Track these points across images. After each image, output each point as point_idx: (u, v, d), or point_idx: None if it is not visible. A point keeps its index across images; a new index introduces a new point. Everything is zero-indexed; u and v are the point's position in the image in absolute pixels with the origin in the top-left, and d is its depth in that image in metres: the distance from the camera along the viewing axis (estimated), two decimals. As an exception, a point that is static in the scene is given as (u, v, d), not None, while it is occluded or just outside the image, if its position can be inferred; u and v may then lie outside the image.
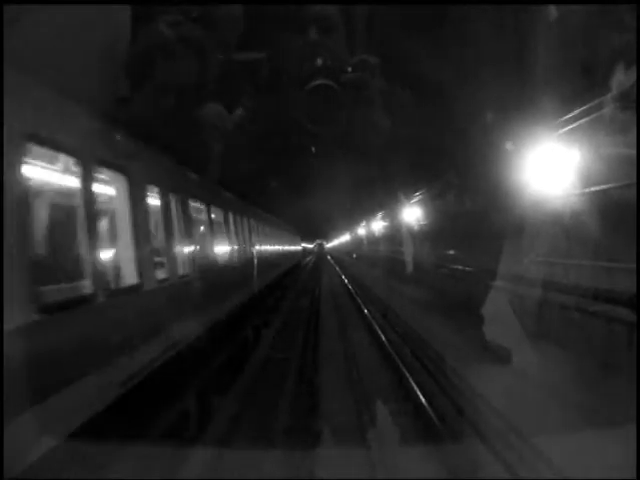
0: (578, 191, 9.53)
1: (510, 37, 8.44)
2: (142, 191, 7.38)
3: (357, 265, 50.75)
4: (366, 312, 20.89)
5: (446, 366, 11.13)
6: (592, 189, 9.26)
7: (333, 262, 70.09)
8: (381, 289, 27.35)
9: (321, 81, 7.19)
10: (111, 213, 6.87)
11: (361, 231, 49.61)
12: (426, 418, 8.97)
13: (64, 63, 5.72)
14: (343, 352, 14.64)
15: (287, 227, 36.12)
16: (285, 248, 33.90)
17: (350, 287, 32.07)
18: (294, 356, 14.23)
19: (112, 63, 7.02)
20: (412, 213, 23.63)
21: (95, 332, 5.60)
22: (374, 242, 42.09)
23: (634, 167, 7.24)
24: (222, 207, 13.15)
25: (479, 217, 15.23)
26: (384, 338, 15.43)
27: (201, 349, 9.17)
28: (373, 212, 36.23)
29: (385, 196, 25.62)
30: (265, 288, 19.14)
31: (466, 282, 16.96)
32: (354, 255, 58.89)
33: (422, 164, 15.22)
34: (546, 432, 6.91)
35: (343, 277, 40.93)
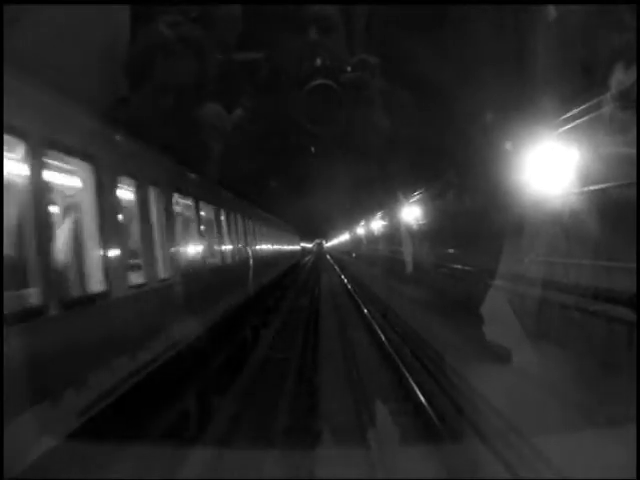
0: (578, 190, 9.53)
1: (510, 37, 8.45)
2: (112, 183, 6.44)
3: (356, 264, 50.76)
4: (366, 312, 20.89)
5: (446, 365, 11.13)
6: (591, 188, 9.27)
7: (332, 261, 70.07)
8: (381, 289, 27.35)
9: (320, 81, 7.19)
10: (70, 207, 6.05)
11: (360, 230, 49.65)
12: (426, 418, 8.97)
13: (63, 63, 5.72)
14: (342, 352, 14.63)
15: (286, 226, 35.80)
16: (283, 247, 33.19)
17: (349, 286, 32.07)
18: (293, 356, 14.22)
19: (111, 63, 7.02)
20: (411, 212, 23.65)
21: (43, 357, 4.54)
22: (373, 241, 42.13)
23: (633, 166, 7.24)
24: (213, 204, 12.26)
25: (479, 216, 15.25)
26: (384, 338, 15.43)
27: (183, 366, 8.13)
28: (372, 211, 36.25)
29: (384, 196, 25.63)
30: (262, 289, 18.43)
31: (466, 282, 16.97)
32: (353, 254, 58.93)
33: (422, 164, 15.22)
34: (546, 432, 6.90)
35: (342, 277, 40.91)
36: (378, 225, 37.54)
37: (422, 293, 21.60)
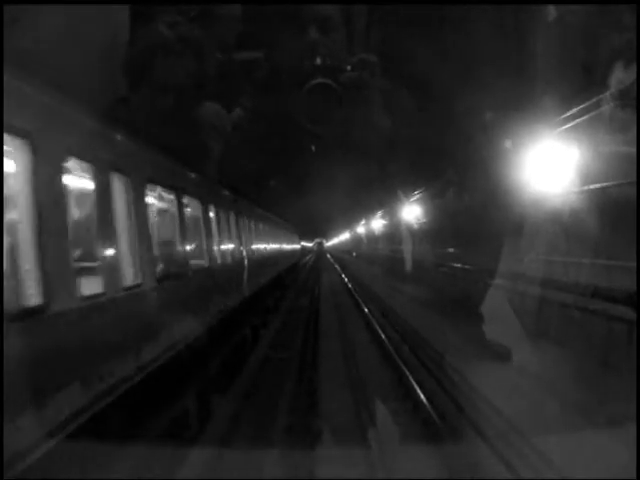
0: (577, 189, 9.53)
1: (510, 37, 8.45)
2: (54, 166, 5.23)
3: (357, 263, 50.76)
4: (366, 311, 20.89)
5: (446, 364, 11.12)
6: (591, 187, 9.27)
7: (332, 260, 70.05)
8: (381, 287, 27.35)
9: (320, 80, 7.19)
10: None
11: (361, 230, 49.65)
12: (426, 416, 8.96)
13: (63, 63, 5.71)
14: (342, 351, 14.62)
15: (285, 225, 35.54)
16: (282, 247, 32.48)
17: (350, 285, 32.06)
18: (292, 356, 14.19)
19: (111, 63, 7.02)
20: (411, 212, 23.64)
21: None
22: (374, 240, 42.14)
23: (633, 165, 7.24)
24: (201, 198, 10.93)
25: (479, 215, 15.25)
26: (384, 336, 15.43)
27: (158, 390, 6.84)
28: (373, 211, 36.25)
29: (384, 195, 25.65)
30: (259, 290, 17.38)
31: (466, 280, 16.98)
32: (354, 254, 58.94)
33: (422, 163, 15.23)
34: (546, 431, 6.90)
35: (343, 275, 40.90)
36: (378, 224, 37.54)
37: (422, 292, 21.59)
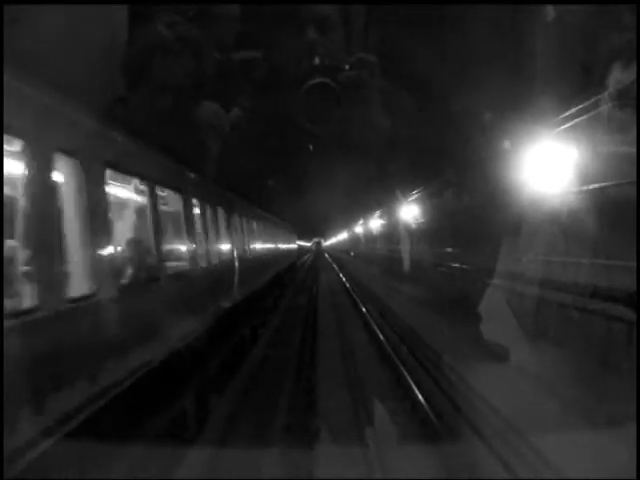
0: (576, 189, 9.53)
1: (509, 37, 8.45)
2: None
3: (355, 263, 50.76)
4: (364, 310, 20.90)
5: (444, 364, 11.13)
6: (590, 187, 9.27)
7: (331, 260, 70.04)
8: (379, 287, 27.36)
9: (319, 80, 7.19)
10: None
11: (359, 229, 49.66)
12: (424, 416, 8.97)
13: (62, 63, 5.71)
14: (341, 351, 14.62)
15: (283, 225, 35.27)
16: (279, 247, 31.64)
17: (348, 285, 32.06)
18: (289, 367, 14.20)
19: (109, 63, 7.02)
20: (410, 211, 23.64)
21: None
22: (372, 240, 42.14)
23: (632, 165, 7.24)
24: (182, 192, 9.57)
25: (477, 215, 15.26)
26: (382, 336, 15.43)
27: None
28: (371, 210, 36.26)
29: (383, 194, 25.65)
30: (252, 294, 16.11)
31: (464, 280, 16.98)
32: (352, 253, 58.95)
33: (420, 163, 15.24)
34: (545, 431, 6.90)
35: (341, 275, 40.91)
36: (376, 224, 37.54)
37: (420, 292, 21.59)
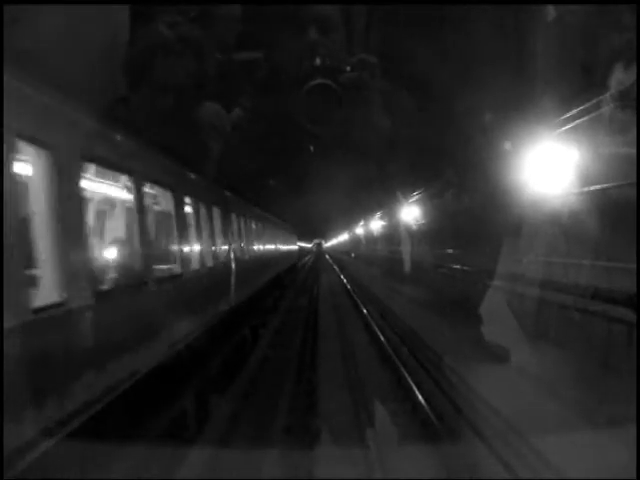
0: (577, 190, 9.53)
1: (510, 37, 8.45)
2: None
3: (355, 264, 50.75)
4: (365, 312, 20.91)
5: (444, 365, 11.13)
6: (591, 188, 9.27)
7: (331, 261, 70.05)
8: (380, 289, 27.35)
9: (320, 81, 7.19)
10: None
11: (360, 231, 49.64)
12: (424, 417, 8.97)
13: (63, 63, 5.72)
14: (341, 353, 14.62)
15: (284, 226, 35.11)
16: (279, 248, 31.19)
17: (349, 287, 32.07)
18: (289, 374, 14.20)
19: (111, 63, 7.02)
20: (411, 212, 23.63)
21: None
22: (373, 241, 42.12)
23: (633, 166, 7.23)
24: (172, 188, 8.60)
25: (478, 216, 15.25)
26: (382, 338, 15.43)
27: None
28: (372, 211, 36.25)
29: (384, 195, 25.64)
30: (250, 297, 15.44)
31: (465, 282, 16.98)
32: (352, 254, 58.95)
33: (421, 164, 15.23)
34: (545, 431, 6.90)
35: (342, 276, 40.91)
36: (377, 225, 37.52)
37: (421, 293, 21.59)
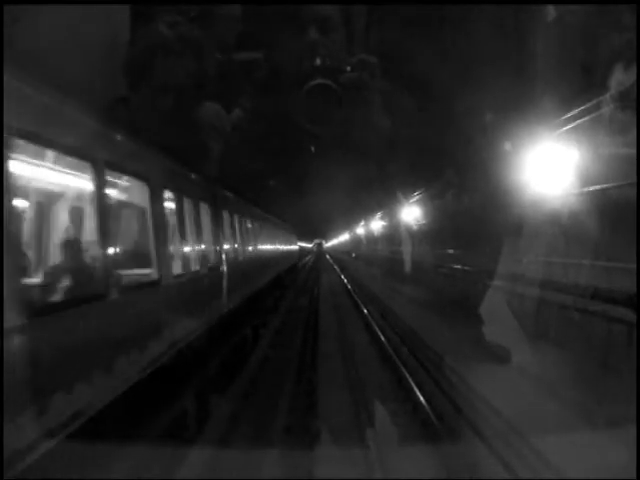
0: (577, 191, 9.53)
1: (510, 37, 8.45)
2: None
3: (356, 264, 50.76)
4: (365, 312, 20.91)
5: (445, 365, 11.12)
6: (591, 189, 9.27)
7: (332, 261, 70.07)
8: (380, 289, 27.35)
9: (320, 81, 7.19)
10: None
11: (360, 231, 49.65)
12: (425, 417, 8.97)
13: (63, 63, 5.71)
14: (341, 353, 14.62)
15: (284, 225, 34.85)
16: (279, 248, 30.54)
17: (349, 287, 32.06)
18: (290, 370, 14.19)
19: (111, 63, 7.02)
20: (411, 213, 23.63)
21: None
22: (373, 242, 42.12)
23: (633, 166, 7.23)
24: (148, 181, 7.24)
25: (478, 217, 15.25)
26: (383, 338, 15.43)
27: None
28: (372, 212, 36.25)
29: (384, 196, 25.64)
30: (247, 299, 14.67)
31: (465, 282, 16.98)
32: (353, 255, 58.98)
33: (421, 164, 15.24)
34: (545, 432, 6.90)
35: (342, 276, 40.89)
36: (378, 225, 37.52)
37: (421, 293, 21.60)
